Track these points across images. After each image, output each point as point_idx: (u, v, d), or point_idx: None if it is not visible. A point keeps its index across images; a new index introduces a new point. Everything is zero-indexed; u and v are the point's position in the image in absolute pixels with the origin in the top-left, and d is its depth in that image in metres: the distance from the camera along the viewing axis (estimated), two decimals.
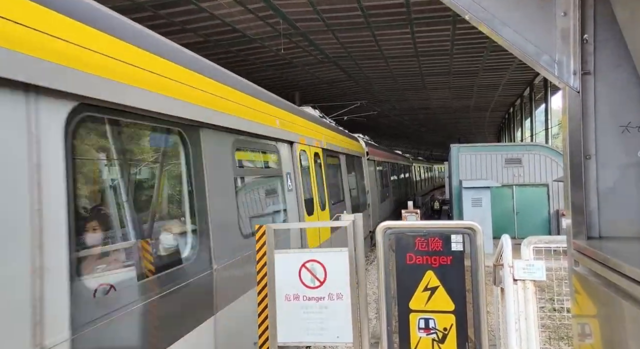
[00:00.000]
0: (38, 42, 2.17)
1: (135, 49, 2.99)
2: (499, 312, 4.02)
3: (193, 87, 3.66)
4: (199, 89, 3.76)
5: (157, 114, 3.16)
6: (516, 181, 16.28)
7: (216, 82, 4.13)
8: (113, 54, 2.73)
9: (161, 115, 3.21)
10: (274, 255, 3.72)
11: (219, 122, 4.03)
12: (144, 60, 3.05)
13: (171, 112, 3.28)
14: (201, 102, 3.75)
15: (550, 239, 3.69)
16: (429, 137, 61.23)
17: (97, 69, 2.56)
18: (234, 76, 4.87)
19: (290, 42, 16.10)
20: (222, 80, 4.29)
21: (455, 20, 14.31)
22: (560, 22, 1.70)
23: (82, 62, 2.45)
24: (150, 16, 12.90)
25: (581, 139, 1.65)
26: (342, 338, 3.63)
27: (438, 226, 3.53)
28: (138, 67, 2.97)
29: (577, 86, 1.66)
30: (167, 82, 3.29)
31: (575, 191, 1.67)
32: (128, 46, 2.92)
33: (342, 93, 25.65)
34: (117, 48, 2.80)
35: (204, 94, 3.82)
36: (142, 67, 3.01)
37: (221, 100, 4.14)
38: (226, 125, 4.17)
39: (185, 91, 3.53)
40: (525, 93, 27.11)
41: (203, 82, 3.86)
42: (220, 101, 4.12)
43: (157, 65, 3.20)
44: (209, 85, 3.96)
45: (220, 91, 4.17)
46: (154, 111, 3.08)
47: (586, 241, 1.62)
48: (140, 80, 2.97)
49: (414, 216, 9.41)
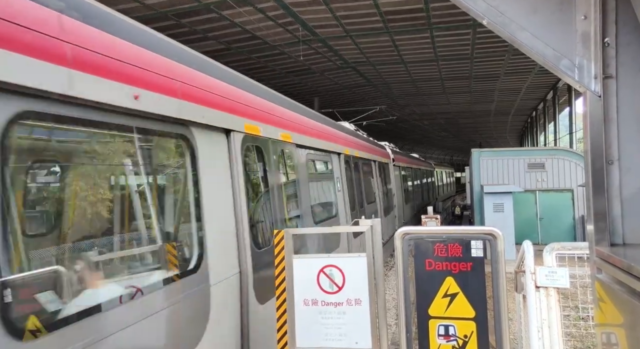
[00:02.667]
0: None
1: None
2: (520, 319, 3.95)
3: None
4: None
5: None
6: (539, 186, 15.95)
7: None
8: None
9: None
10: (293, 260, 3.74)
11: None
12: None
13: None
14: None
15: (574, 245, 3.60)
16: (449, 142, 60.60)
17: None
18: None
19: (310, 48, 16.21)
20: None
21: (475, 24, 14.18)
22: (581, 26, 1.68)
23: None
24: (173, 25, 13.18)
25: (603, 143, 1.63)
26: (360, 343, 3.61)
27: (458, 232, 3.49)
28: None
29: (598, 90, 1.64)
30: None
31: (598, 197, 1.64)
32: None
33: (361, 98, 25.64)
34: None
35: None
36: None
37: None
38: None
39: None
40: (548, 97, 26.60)
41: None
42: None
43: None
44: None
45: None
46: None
47: (609, 248, 1.59)
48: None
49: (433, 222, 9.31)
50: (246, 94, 4.62)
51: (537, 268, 3.36)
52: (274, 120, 5.24)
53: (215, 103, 3.81)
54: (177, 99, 3.22)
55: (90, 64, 2.44)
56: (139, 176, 3.17)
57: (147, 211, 3.20)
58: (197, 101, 3.50)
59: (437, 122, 39.52)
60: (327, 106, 22.73)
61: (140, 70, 2.87)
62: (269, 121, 5.08)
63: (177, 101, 3.21)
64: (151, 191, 3.26)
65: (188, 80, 3.43)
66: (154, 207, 3.26)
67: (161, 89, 3.05)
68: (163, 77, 3.12)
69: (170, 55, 3.35)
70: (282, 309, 3.79)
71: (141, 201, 3.12)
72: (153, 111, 2.93)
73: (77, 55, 2.36)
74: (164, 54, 3.26)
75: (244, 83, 4.81)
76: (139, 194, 3.08)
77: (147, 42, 3.11)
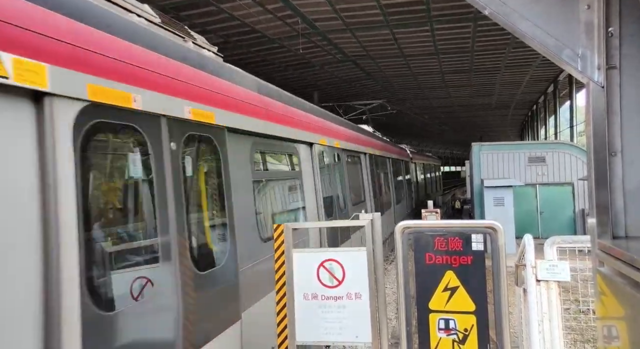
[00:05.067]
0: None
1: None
2: (521, 313, 3.94)
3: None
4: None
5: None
6: (540, 180, 15.92)
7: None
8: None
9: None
10: (292, 254, 3.73)
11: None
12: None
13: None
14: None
15: (575, 239, 3.59)
16: (449, 136, 60.50)
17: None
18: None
19: (309, 41, 16.11)
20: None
21: (476, 17, 14.08)
22: (584, 15, 1.65)
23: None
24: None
25: (606, 135, 1.60)
26: (361, 337, 3.61)
27: (458, 226, 3.48)
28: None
29: (601, 81, 1.61)
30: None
31: (600, 189, 1.62)
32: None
33: (361, 92, 25.55)
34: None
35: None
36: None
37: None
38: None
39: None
40: (549, 90, 26.50)
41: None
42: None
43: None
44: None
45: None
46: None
47: (611, 241, 1.57)
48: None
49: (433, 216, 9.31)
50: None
51: (537, 261, 3.35)
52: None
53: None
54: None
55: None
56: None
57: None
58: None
59: (437, 116, 39.41)
60: (326, 100, 22.66)
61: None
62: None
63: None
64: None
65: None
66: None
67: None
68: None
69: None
70: (282, 304, 3.79)
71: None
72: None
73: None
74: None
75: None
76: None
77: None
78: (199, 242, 3.48)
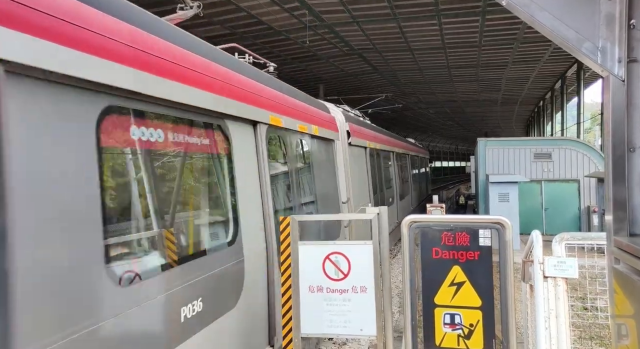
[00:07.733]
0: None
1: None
2: (527, 309, 3.92)
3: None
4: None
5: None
6: (545, 177, 15.83)
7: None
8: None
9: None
10: (298, 246, 3.72)
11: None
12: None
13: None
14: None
15: (584, 235, 3.55)
16: (455, 131, 60.27)
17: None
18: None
19: (316, 34, 16.01)
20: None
21: (484, 11, 13.93)
22: (605, 7, 1.61)
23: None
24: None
25: (625, 130, 1.56)
26: (365, 330, 3.61)
27: (465, 221, 3.45)
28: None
29: (622, 75, 1.57)
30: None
31: (618, 186, 1.58)
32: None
33: (367, 86, 25.42)
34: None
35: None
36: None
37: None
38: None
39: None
40: (556, 86, 26.27)
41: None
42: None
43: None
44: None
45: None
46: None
47: (628, 238, 1.54)
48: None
49: (438, 210, 9.30)
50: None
51: (545, 257, 3.32)
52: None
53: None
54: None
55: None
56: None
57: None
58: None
59: (443, 111, 39.20)
60: (332, 94, 22.55)
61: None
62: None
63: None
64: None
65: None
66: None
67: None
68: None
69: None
70: (287, 296, 3.79)
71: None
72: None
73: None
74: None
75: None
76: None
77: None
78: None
